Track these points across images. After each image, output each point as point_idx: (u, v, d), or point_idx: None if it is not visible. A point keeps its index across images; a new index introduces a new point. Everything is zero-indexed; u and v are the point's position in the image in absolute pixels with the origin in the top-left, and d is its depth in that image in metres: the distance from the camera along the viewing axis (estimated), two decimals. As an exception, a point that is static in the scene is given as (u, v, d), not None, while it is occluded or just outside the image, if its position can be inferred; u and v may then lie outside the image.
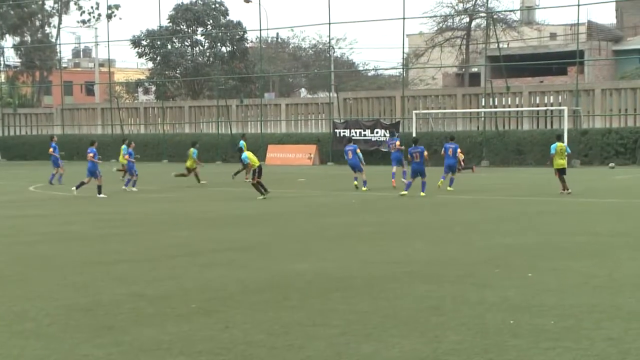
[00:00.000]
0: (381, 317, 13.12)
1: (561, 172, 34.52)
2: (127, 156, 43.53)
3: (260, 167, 37.40)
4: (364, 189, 40.94)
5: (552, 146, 34.86)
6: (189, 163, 42.39)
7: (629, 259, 18.87)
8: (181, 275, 17.75)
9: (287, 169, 40.59)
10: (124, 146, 45.30)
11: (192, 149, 43.10)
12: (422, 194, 36.25)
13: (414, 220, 27.66)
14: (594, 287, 15.58)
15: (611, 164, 53.64)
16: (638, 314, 13.09)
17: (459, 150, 41.22)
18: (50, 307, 14.44)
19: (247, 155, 38.02)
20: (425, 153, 37.38)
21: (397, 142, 43.61)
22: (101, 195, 38.83)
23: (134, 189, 42.37)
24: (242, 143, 40.65)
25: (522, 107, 62.23)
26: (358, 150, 42.28)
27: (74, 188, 39.70)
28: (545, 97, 62.83)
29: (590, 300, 14.18)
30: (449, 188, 38.43)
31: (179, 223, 28.29)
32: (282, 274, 17.63)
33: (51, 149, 51.75)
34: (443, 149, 40.32)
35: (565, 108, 58.03)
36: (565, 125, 56.01)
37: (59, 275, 17.96)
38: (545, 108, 61.39)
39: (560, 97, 61.37)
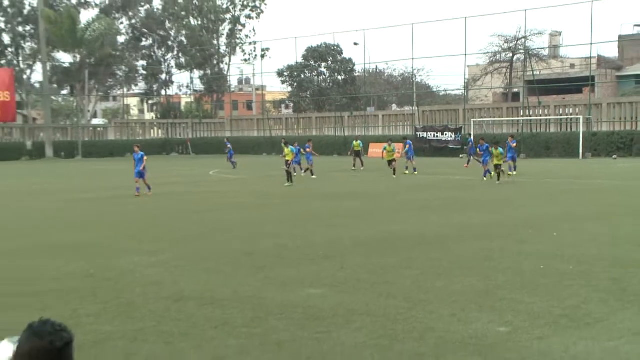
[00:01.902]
0: (449, 263, 13.29)
1: (497, 167, 32.23)
2: (308, 149, 40.36)
3: (288, 162, 34.91)
4: (415, 173, 39.85)
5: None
6: (291, 157, 36.20)
7: (627, 223, 18.54)
8: (312, 232, 17.90)
9: (383, 161, 39.95)
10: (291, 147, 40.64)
11: (290, 147, 37.09)
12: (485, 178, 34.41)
13: (470, 197, 27.06)
14: (602, 242, 15.42)
15: (614, 156, 52.32)
16: (634, 261, 13.11)
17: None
18: (225, 253, 14.90)
19: (286, 151, 35.46)
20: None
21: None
22: (314, 176, 37.78)
23: (302, 174, 39.27)
24: (292, 148, 36.80)
25: (549, 116, 61.84)
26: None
27: (302, 173, 39.04)
28: (566, 109, 62.11)
29: (599, 252, 14.14)
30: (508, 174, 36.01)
31: (311, 197, 27.82)
32: (379, 233, 17.48)
33: (228, 146, 52.46)
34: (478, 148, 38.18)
35: (581, 117, 57.18)
36: (581, 129, 55.93)
37: (229, 232, 18.17)
38: (566, 117, 60.70)
39: (577, 109, 60.48)
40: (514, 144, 38.41)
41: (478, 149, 37.23)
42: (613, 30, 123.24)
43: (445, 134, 63.29)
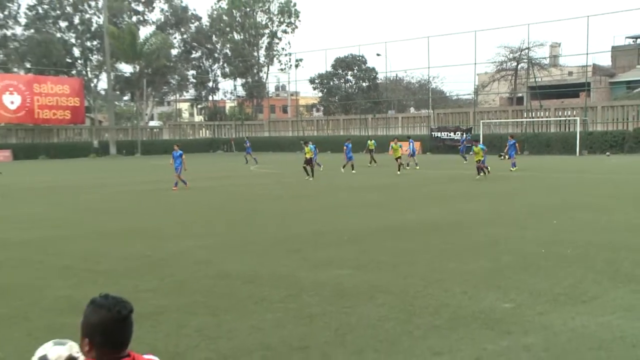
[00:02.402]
0: (460, 247, 13.27)
1: (478, 162, 31.34)
2: (344, 148, 39.53)
3: (310, 159, 34.28)
4: (417, 167, 40.02)
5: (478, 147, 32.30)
6: (310, 155, 35.12)
7: (619, 212, 18.38)
8: (339, 220, 17.78)
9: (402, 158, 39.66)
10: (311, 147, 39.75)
11: (309, 146, 36.05)
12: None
13: (478, 190, 26.67)
14: (596, 229, 15.36)
15: (607, 153, 52.14)
16: (625, 246, 13.01)
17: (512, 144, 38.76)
18: (264, 238, 14.91)
19: (307, 149, 34.85)
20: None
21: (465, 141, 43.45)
22: (354, 171, 36.84)
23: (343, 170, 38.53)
24: (311, 146, 35.82)
25: (549, 117, 61.34)
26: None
27: (342, 168, 38.52)
28: (565, 112, 61.66)
29: (594, 238, 14.06)
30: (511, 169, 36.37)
31: (337, 190, 27.68)
32: (398, 221, 17.50)
33: (247, 144, 52.98)
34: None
35: (578, 118, 56.45)
36: (578, 129, 55.35)
37: (268, 220, 18.19)
38: (565, 118, 60.11)
39: (574, 112, 59.96)
40: (515, 144, 38.07)
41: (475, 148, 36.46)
42: (607, 41, 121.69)
43: (457, 134, 63.18)
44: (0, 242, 15.18)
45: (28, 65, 78.40)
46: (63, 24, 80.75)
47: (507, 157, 39.84)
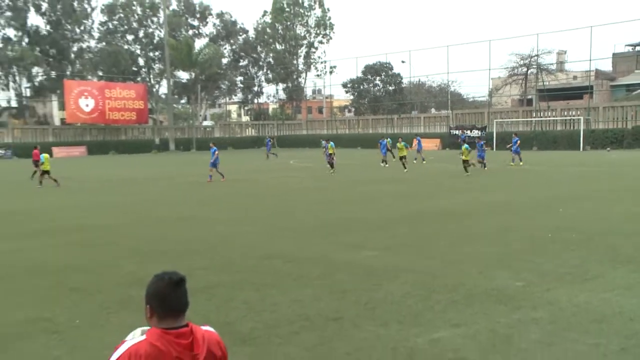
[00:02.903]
0: (475, 232, 13.19)
1: (465, 162, 29.50)
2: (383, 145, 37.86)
3: (331, 154, 33.79)
4: (423, 162, 39.39)
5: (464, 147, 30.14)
6: (332, 151, 34.40)
7: (619, 201, 18.07)
8: (366, 208, 17.72)
9: (424, 153, 39.53)
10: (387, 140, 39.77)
11: (330, 143, 35.65)
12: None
13: (490, 182, 26.44)
14: (598, 217, 15.08)
15: (608, 149, 51.53)
16: (624, 231, 12.82)
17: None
18: (302, 224, 14.95)
19: (329, 147, 34.43)
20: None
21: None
22: (387, 165, 35.88)
23: (386, 165, 36.83)
24: (332, 144, 35.47)
25: (556, 117, 60.45)
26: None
27: (382, 164, 36.83)
28: (570, 112, 60.79)
29: (596, 225, 13.84)
30: (511, 164, 35.56)
31: (362, 183, 27.37)
32: (419, 209, 17.39)
33: (271, 142, 52.36)
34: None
35: (582, 117, 55.70)
36: (581, 127, 54.45)
37: (304, 208, 18.30)
38: (570, 117, 59.23)
39: (578, 112, 59.11)
40: (517, 142, 36.42)
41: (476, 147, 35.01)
42: (608, 48, 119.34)
43: (473, 132, 62.67)
44: (79, 226, 15.49)
45: (100, 74, 79.41)
46: (130, 37, 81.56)
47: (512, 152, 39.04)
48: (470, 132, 63.49)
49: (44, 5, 74.90)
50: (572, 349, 6.24)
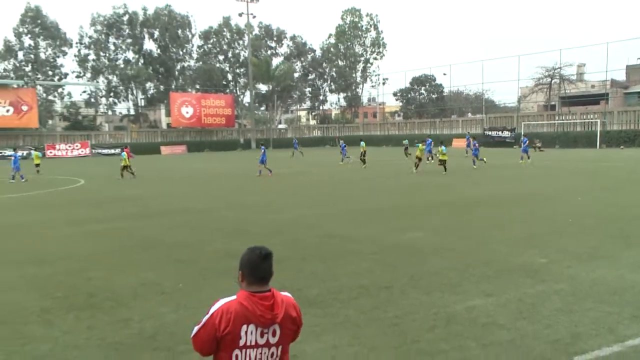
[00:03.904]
0: (505, 217, 12.78)
1: (442, 162, 26.82)
2: (424, 145, 33.69)
3: (365, 151, 33.18)
4: (432, 161, 35.36)
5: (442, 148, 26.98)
6: (363, 149, 33.67)
7: (631, 192, 17.31)
8: (412, 196, 17.50)
9: (460, 150, 38.36)
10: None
11: (361, 143, 34.19)
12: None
13: (517, 174, 25.46)
14: (613, 204, 14.42)
15: (621, 147, 49.48)
16: (636, 216, 12.36)
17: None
18: (356, 209, 14.73)
19: (363, 144, 33.56)
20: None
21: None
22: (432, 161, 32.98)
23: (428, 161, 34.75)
24: (362, 143, 34.05)
25: (576, 120, 58.06)
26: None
27: (433, 161, 33.22)
28: (589, 115, 58.45)
29: (611, 211, 13.30)
30: (520, 161, 32.11)
31: (387, 176, 26.52)
32: (457, 198, 17.08)
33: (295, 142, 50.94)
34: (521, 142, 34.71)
35: (598, 120, 53.35)
36: (598, 128, 52.23)
37: (356, 196, 18.13)
38: (588, 120, 56.96)
39: (595, 115, 56.77)
40: (526, 142, 33.90)
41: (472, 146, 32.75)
42: (622, 61, 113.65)
43: (504, 132, 61.01)
44: (182, 209, 15.84)
45: (197, 87, 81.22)
46: (221, 57, 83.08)
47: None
48: (502, 132, 61.94)
49: (156, 34, 77.39)
50: (589, 315, 6.08)
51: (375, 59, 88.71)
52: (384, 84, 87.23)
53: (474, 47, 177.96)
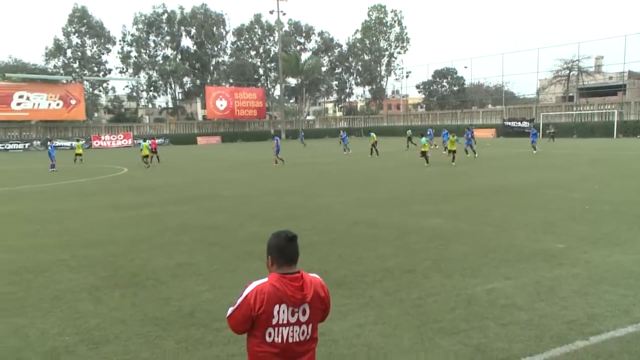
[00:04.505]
0: (523, 204, 12.59)
1: (453, 151, 25.83)
2: (469, 136, 31.43)
3: (375, 142, 32.49)
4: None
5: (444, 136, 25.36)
6: (373, 140, 32.95)
7: None
8: (432, 185, 17.32)
9: (482, 140, 37.59)
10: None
11: (371, 134, 33.50)
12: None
13: (535, 163, 24.81)
14: (628, 192, 14.06)
15: (638, 136, 48.13)
16: None
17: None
18: (379, 197, 14.76)
19: (371, 137, 32.76)
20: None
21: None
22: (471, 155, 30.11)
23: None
24: (372, 134, 33.52)
25: (594, 110, 56.52)
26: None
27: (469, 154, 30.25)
28: (605, 106, 56.83)
29: (626, 198, 12.93)
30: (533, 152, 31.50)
31: (405, 167, 25.85)
32: (475, 185, 16.72)
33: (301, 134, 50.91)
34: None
35: (616, 111, 51.90)
36: (615, 119, 50.75)
37: (379, 185, 18.04)
38: (605, 111, 55.48)
39: (612, 106, 55.23)
40: (535, 134, 33.23)
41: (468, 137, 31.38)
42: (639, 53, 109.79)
43: (523, 123, 59.81)
44: (216, 195, 16.01)
45: (231, 81, 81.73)
46: (253, 53, 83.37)
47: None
48: (520, 123, 60.85)
49: (192, 31, 78.09)
50: (604, 298, 5.99)
51: (399, 53, 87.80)
52: (407, 77, 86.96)
53: (494, 41, 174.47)
